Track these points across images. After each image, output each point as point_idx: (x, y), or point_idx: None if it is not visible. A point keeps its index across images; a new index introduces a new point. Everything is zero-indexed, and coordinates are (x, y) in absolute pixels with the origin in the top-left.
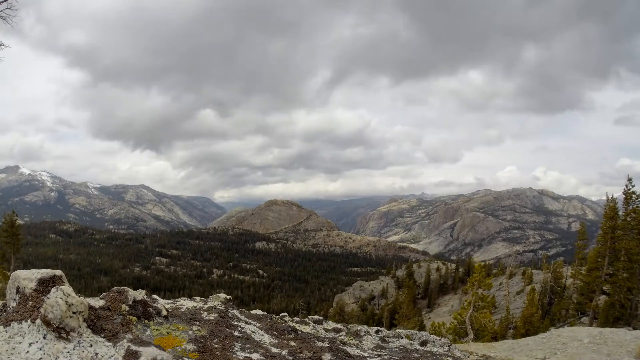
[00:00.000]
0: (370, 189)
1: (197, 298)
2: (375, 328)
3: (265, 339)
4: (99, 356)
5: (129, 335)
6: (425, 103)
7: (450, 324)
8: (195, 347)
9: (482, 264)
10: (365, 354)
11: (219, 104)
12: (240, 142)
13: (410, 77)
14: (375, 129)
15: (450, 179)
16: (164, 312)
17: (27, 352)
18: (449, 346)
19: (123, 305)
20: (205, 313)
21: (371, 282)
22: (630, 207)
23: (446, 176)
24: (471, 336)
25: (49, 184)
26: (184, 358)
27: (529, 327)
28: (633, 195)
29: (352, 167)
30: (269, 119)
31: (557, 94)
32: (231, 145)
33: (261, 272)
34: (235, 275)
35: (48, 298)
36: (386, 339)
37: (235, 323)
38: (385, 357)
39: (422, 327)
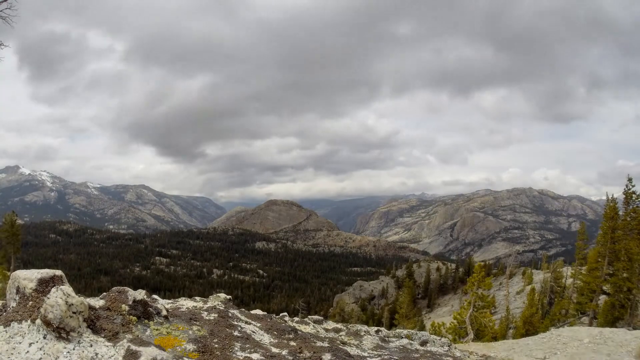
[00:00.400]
0: (377, 188)
1: (197, 298)
2: (375, 328)
3: (265, 339)
4: (99, 356)
5: (129, 335)
6: (449, 114)
7: (450, 324)
8: (195, 347)
9: (482, 264)
10: (365, 354)
11: (266, 104)
12: (267, 142)
13: (453, 93)
14: (400, 135)
15: (459, 179)
16: (164, 312)
17: (27, 352)
18: (449, 346)
19: (123, 305)
20: (205, 313)
21: (371, 282)
22: (631, 207)
23: (454, 177)
24: (471, 336)
25: (49, 184)
26: (184, 358)
27: (529, 327)
28: (633, 195)
29: (363, 168)
30: (310, 123)
31: (567, 107)
32: (259, 145)
33: (261, 272)
34: (235, 275)
35: (48, 298)
36: (386, 338)
37: (235, 323)
38: (385, 357)
39: (422, 327)
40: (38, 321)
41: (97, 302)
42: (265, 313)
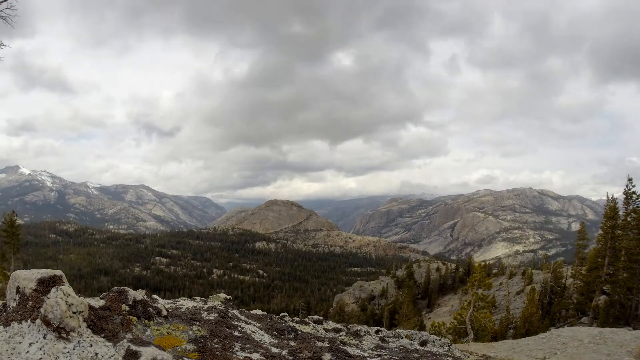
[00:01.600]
0: (394, 186)
1: (197, 298)
2: (375, 328)
3: (265, 339)
4: (99, 356)
5: (129, 335)
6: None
7: (450, 324)
8: (195, 347)
9: (482, 264)
10: (365, 354)
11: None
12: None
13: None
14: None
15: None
16: (164, 312)
17: (27, 352)
18: (449, 346)
19: (123, 305)
20: (205, 313)
21: (371, 282)
22: (631, 207)
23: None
24: (471, 336)
25: (49, 184)
26: (184, 358)
27: (529, 327)
28: (633, 195)
29: (383, 169)
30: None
31: (577, 128)
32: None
33: (261, 272)
34: (235, 275)
35: (48, 298)
36: (386, 339)
37: (235, 323)
38: (385, 357)
39: (422, 327)
40: (38, 321)
41: (97, 302)
42: (265, 313)
